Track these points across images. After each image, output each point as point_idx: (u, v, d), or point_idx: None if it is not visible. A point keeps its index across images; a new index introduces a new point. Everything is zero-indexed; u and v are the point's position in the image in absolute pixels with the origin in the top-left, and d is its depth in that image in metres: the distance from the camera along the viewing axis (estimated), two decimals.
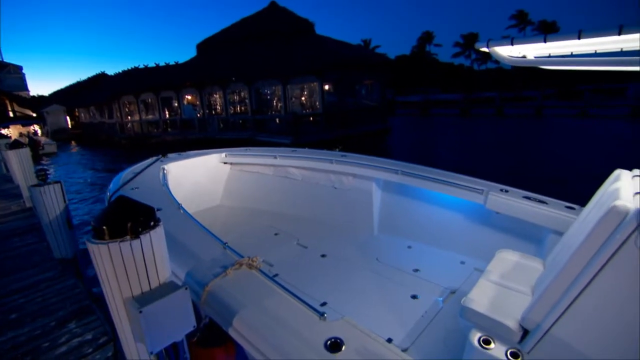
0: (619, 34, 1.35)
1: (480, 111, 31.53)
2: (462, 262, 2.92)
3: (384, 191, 3.74)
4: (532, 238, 2.70)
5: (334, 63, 18.38)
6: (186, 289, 1.55)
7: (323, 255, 3.21)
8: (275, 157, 4.47)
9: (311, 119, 18.94)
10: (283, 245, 3.46)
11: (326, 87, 19.05)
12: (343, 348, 1.39)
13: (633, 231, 1.34)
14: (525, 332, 1.58)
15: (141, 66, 26.90)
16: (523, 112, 28.82)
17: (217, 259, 2.07)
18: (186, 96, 22.81)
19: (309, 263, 3.12)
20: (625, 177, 1.75)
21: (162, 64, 26.33)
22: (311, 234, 3.65)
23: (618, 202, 1.41)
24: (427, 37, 61.02)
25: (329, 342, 1.42)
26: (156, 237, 1.55)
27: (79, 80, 37.12)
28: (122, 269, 1.46)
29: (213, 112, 22.35)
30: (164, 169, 4.05)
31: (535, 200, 2.68)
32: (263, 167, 4.71)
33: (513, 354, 1.55)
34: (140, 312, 1.40)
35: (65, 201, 4.04)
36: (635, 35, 1.41)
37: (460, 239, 3.10)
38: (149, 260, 1.53)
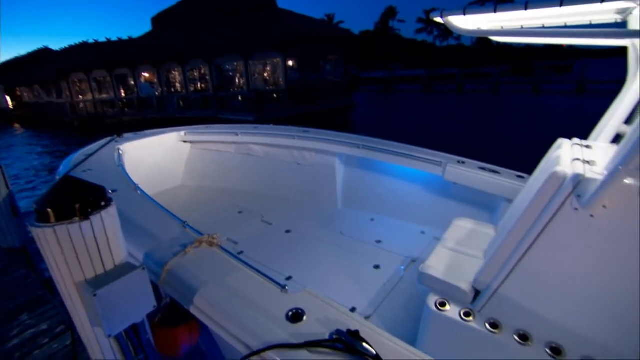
0: (560, 5, 1.40)
1: (442, 87, 32.29)
2: (422, 232, 3.04)
3: (347, 166, 3.78)
4: (487, 206, 2.85)
5: (297, 38, 17.94)
6: (143, 269, 1.50)
7: (288, 231, 3.24)
8: (236, 134, 4.37)
9: (275, 95, 18.57)
10: (247, 223, 3.45)
11: (289, 63, 18.63)
12: (304, 318, 1.42)
13: (570, 194, 1.44)
14: (477, 293, 1.69)
15: (91, 41, 24.98)
16: (482, 88, 29.84)
17: (176, 238, 2.02)
18: (143, 74, 21.54)
19: (274, 239, 3.14)
20: (565, 145, 1.86)
21: (114, 38, 24.59)
22: (275, 210, 3.65)
23: (558, 168, 1.50)
24: (390, 13, 60.85)
25: (290, 313, 1.45)
26: (108, 218, 1.48)
27: (17, 55, 33.93)
28: (72, 253, 1.39)
29: (172, 90, 21.32)
30: (119, 149, 3.85)
31: (489, 170, 2.83)
32: (224, 144, 4.60)
33: (466, 314, 1.66)
34: (95, 295, 1.35)
35: (8, 187, 3.75)
36: (576, 8, 1.47)
37: (420, 210, 3.23)
38: (102, 242, 1.46)
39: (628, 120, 1.95)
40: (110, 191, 2.68)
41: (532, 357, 1.50)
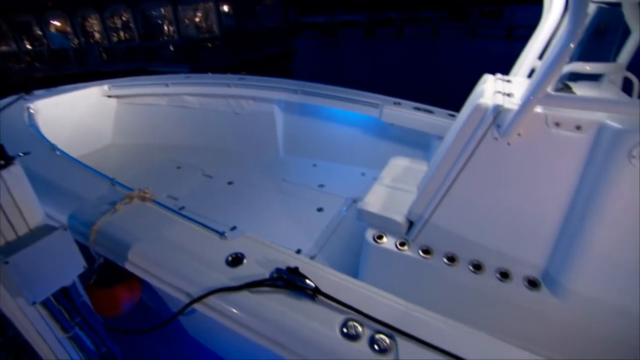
0: None
1: (383, 32, 32.00)
2: (363, 174, 3.14)
3: (286, 112, 3.70)
4: (422, 145, 2.98)
5: None
6: (65, 229, 1.39)
7: (230, 183, 3.18)
8: (166, 85, 4.04)
9: (209, 44, 17.22)
10: (187, 178, 3.32)
11: (224, 8, 17.17)
12: (244, 261, 1.43)
13: (491, 124, 1.52)
14: (411, 224, 1.79)
15: None
16: (421, 32, 30.04)
17: (104, 196, 1.88)
18: (52, 22, 18.64)
19: (216, 192, 3.07)
20: (489, 80, 1.94)
21: None
22: (216, 163, 3.54)
23: (480, 100, 1.57)
24: None
25: (230, 258, 1.45)
26: (12, 179, 1.32)
27: None
28: None
29: (92, 41, 18.84)
30: (29, 108, 3.39)
31: (423, 110, 2.93)
32: (155, 97, 4.23)
33: (401, 243, 1.76)
34: (7, 262, 1.23)
35: None
36: None
37: (360, 152, 3.31)
38: (8, 206, 1.31)
39: (541, 56, 2.06)
40: (20, 154, 2.38)
41: (458, 275, 1.66)
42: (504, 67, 2.23)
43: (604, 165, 1.37)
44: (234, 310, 1.30)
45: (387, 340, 1.16)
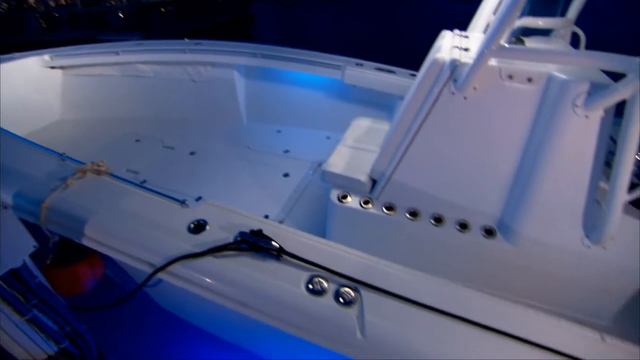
0: None
1: None
2: (328, 138, 3.13)
3: (247, 78, 3.57)
4: (385, 106, 2.99)
5: None
6: (5, 208, 1.30)
7: (192, 153, 3.08)
8: (117, 54, 3.74)
9: (162, 9, 16.05)
10: (147, 151, 3.18)
11: None
12: (207, 228, 1.40)
13: (448, 79, 1.53)
14: (374, 183, 1.82)
15: None
16: None
17: (53, 172, 1.76)
18: None
19: (179, 163, 2.97)
20: (447, 36, 1.94)
21: None
22: (176, 133, 3.40)
23: (437, 55, 1.57)
24: None
25: (192, 225, 1.42)
26: None
27: None
28: None
29: (25, 6, 16.99)
30: None
31: (385, 71, 2.91)
32: (105, 67, 3.93)
33: (365, 202, 1.79)
34: None
35: None
36: None
37: (324, 116, 3.28)
38: None
39: (496, 11, 2.08)
40: None
41: (420, 228, 1.72)
42: (465, 23, 2.22)
43: (551, 115, 1.43)
44: (199, 276, 1.29)
45: (352, 293, 1.20)
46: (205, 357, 2.16)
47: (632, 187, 1.36)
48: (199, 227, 1.41)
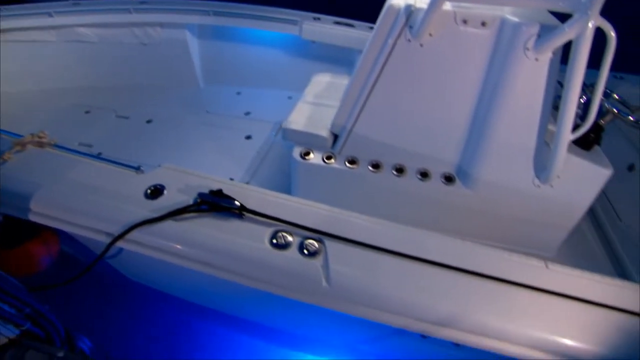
0: None
1: None
2: (290, 97, 3.06)
3: (201, 38, 3.36)
4: (345, 61, 2.93)
5: None
6: None
7: (149, 121, 2.92)
8: (50, 16, 3.37)
9: None
10: (99, 122, 2.98)
11: None
12: (165, 192, 1.36)
13: (403, 26, 1.50)
14: (336, 138, 1.81)
15: None
16: None
17: None
18: None
19: (135, 133, 2.82)
20: None
21: None
22: (130, 102, 3.19)
23: (392, 1, 1.52)
24: None
25: (148, 190, 1.36)
26: None
27: None
28: None
29: None
30: None
31: (344, 24, 2.83)
32: (39, 31, 3.54)
33: (328, 157, 1.79)
34: None
35: None
36: None
37: (284, 75, 3.18)
38: None
39: None
40: None
41: (383, 180, 1.75)
42: None
43: (504, 59, 1.45)
44: (161, 241, 1.27)
45: (316, 244, 1.22)
46: (179, 323, 2.18)
47: (576, 128, 1.43)
48: (156, 192, 1.36)
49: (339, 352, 2.00)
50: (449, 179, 1.72)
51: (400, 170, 1.74)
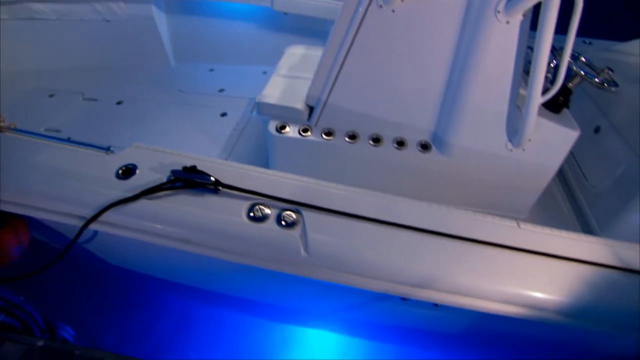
0: None
1: None
2: (265, 72, 2.98)
3: (168, 13, 3.21)
4: (319, 32, 2.87)
5: None
6: None
7: (119, 103, 2.81)
8: None
9: None
10: (65, 106, 2.84)
11: None
12: (137, 171, 1.32)
13: None
14: (312, 110, 1.79)
15: None
16: None
17: None
18: None
19: (105, 115, 2.71)
20: None
21: None
22: (97, 83, 3.05)
23: None
24: None
25: (120, 170, 1.33)
26: None
27: None
28: None
29: None
30: None
31: None
32: None
33: (304, 130, 1.77)
34: None
35: None
36: None
37: (258, 49, 3.09)
38: None
39: None
40: None
41: (360, 150, 1.76)
42: None
43: (476, 23, 1.44)
44: (136, 221, 1.24)
45: (294, 215, 1.22)
46: (163, 304, 2.18)
47: (546, 92, 1.46)
48: (127, 171, 1.32)
49: (325, 321, 2.05)
50: (424, 147, 1.74)
51: (376, 140, 1.74)
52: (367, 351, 2.04)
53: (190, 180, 1.23)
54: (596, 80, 1.60)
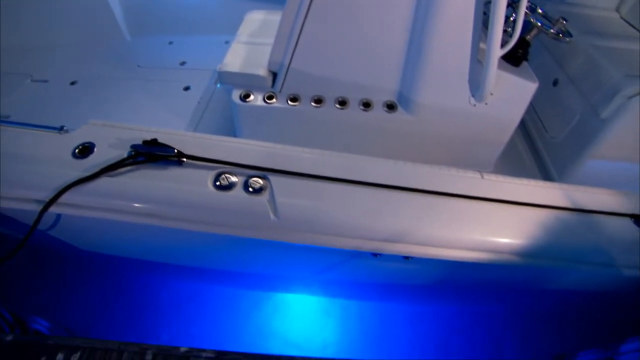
0: None
1: None
2: (227, 42, 2.86)
3: None
4: None
5: None
6: None
7: (73, 83, 2.64)
8: None
9: None
10: (11, 90, 2.65)
11: None
12: (95, 150, 1.27)
13: None
14: (275, 76, 1.75)
15: None
16: None
17: None
18: None
19: (58, 97, 2.55)
20: None
21: None
22: (46, 63, 2.85)
23: None
24: None
25: (76, 150, 1.27)
26: None
27: None
28: None
29: None
30: None
31: None
32: None
33: (269, 97, 1.74)
34: None
35: None
36: None
37: (218, 18, 2.96)
38: None
39: None
40: None
41: (327, 114, 1.74)
42: None
43: None
44: (99, 199, 1.20)
45: (261, 181, 1.21)
46: (138, 284, 2.16)
47: (504, 44, 1.47)
48: (85, 150, 1.27)
49: (303, 285, 2.10)
50: (390, 107, 1.74)
51: (342, 102, 1.73)
52: (346, 309, 2.13)
53: (152, 153, 1.19)
54: (552, 31, 1.63)
